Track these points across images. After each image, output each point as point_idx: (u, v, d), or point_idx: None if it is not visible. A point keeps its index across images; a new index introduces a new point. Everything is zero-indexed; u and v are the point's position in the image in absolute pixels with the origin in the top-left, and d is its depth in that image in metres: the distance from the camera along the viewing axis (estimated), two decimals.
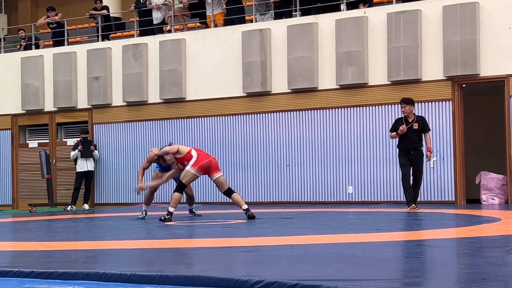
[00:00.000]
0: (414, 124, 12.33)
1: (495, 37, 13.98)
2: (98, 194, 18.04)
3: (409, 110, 12.37)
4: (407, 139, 12.32)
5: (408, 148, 12.34)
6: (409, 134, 12.28)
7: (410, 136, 12.28)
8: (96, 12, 18.70)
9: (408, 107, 12.36)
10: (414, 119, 12.40)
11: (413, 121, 12.35)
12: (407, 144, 12.33)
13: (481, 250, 6.63)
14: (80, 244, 8.03)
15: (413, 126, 12.32)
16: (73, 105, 18.29)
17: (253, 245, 7.49)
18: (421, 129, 12.35)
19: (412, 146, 12.32)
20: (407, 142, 12.33)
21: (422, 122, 12.43)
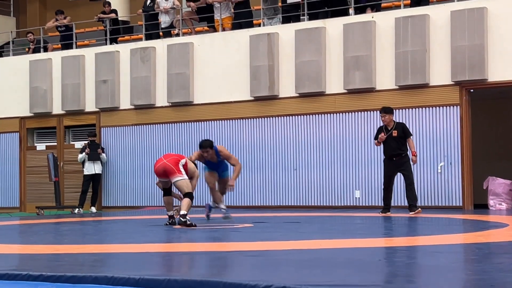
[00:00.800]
0: (393, 132, 12.74)
1: (503, 42, 13.97)
2: (106, 197, 18.07)
3: (389, 119, 12.82)
4: (388, 146, 12.78)
5: (390, 155, 12.77)
6: (389, 142, 12.72)
7: (390, 143, 12.72)
8: (105, 15, 18.75)
9: (388, 116, 12.81)
10: (393, 126, 12.80)
11: (392, 129, 12.77)
12: (389, 151, 12.79)
13: (489, 256, 6.62)
14: (88, 247, 8.04)
15: (392, 134, 12.72)
16: (81, 108, 18.34)
17: (261, 249, 7.49)
18: (400, 136, 12.71)
19: (393, 152, 12.72)
20: (388, 149, 12.79)
21: (401, 128, 12.82)
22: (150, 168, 17.46)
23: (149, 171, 17.49)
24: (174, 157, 10.75)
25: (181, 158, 10.78)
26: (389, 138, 12.70)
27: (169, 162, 10.57)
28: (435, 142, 14.49)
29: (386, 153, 12.88)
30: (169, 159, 10.66)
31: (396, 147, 12.71)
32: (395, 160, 12.72)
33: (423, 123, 14.65)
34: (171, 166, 10.52)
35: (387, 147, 12.80)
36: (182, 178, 10.53)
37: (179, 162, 10.64)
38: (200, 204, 15.48)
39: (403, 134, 12.75)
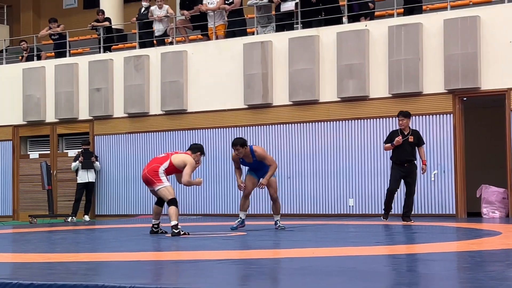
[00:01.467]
0: (409, 137, 12.48)
1: (496, 51, 14.01)
2: (99, 205, 18.03)
3: (406, 123, 12.54)
4: (402, 151, 12.44)
5: (402, 161, 12.45)
6: (405, 146, 12.42)
7: (406, 148, 12.42)
8: (98, 23, 18.74)
9: (406, 120, 12.53)
10: (409, 132, 12.56)
11: (409, 134, 12.51)
12: (402, 156, 12.46)
13: (482, 264, 6.62)
14: (81, 256, 8.01)
15: (408, 139, 12.46)
16: (74, 116, 18.31)
17: (253, 257, 7.47)
18: (416, 143, 12.51)
19: (407, 158, 12.44)
20: (402, 154, 12.46)
21: (417, 135, 12.61)
22: None
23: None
24: (155, 165, 10.56)
25: (162, 163, 10.54)
26: (404, 143, 12.41)
27: (148, 173, 10.53)
28: (428, 150, 14.49)
29: (398, 157, 12.50)
30: (149, 168, 10.57)
31: (410, 153, 12.45)
32: (406, 166, 12.45)
33: None
34: (150, 177, 10.50)
35: (401, 152, 12.45)
36: (162, 186, 10.48)
37: (159, 170, 10.48)
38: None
39: (417, 141, 12.55)
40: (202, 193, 16.75)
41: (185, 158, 10.64)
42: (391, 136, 12.65)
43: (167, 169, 10.56)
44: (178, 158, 10.62)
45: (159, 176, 10.48)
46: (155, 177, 10.47)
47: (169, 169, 10.59)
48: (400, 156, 12.49)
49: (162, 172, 10.51)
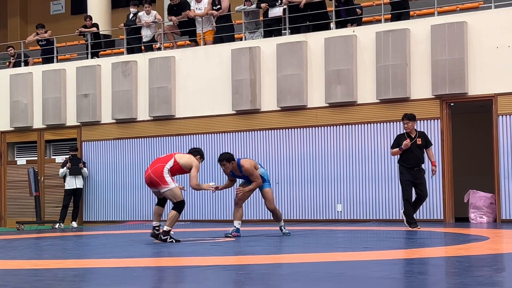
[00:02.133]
0: (417, 140, 12.19)
1: (483, 56, 14.07)
2: (87, 211, 17.97)
3: (412, 126, 12.25)
4: (411, 155, 12.12)
5: (412, 164, 12.12)
6: (413, 150, 12.10)
7: (414, 151, 12.11)
8: (86, 29, 18.71)
9: (412, 123, 12.24)
10: (416, 134, 12.27)
11: (416, 137, 12.22)
12: (412, 160, 12.12)
13: (470, 269, 6.63)
14: (68, 262, 7.98)
15: (416, 142, 12.17)
16: (62, 122, 18.25)
17: (241, 263, 7.46)
18: (424, 145, 12.22)
19: (416, 162, 12.13)
20: (411, 158, 12.12)
21: (424, 137, 12.34)
22: (132, 182, 17.42)
23: (131, 186, 17.44)
24: (159, 165, 10.10)
25: (167, 162, 10.10)
26: (412, 146, 12.08)
27: (153, 174, 10.05)
28: None
29: (408, 162, 12.12)
30: (154, 169, 10.09)
31: (419, 157, 12.14)
32: (415, 170, 12.12)
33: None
34: (156, 179, 10.02)
35: (410, 156, 12.09)
36: (169, 188, 10.03)
37: (163, 170, 10.03)
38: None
39: (425, 143, 12.25)
40: (189, 199, 16.72)
41: (191, 159, 10.22)
42: (398, 140, 12.31)
43: (171, 168, 10.10)
44: (183, 158, 10.18)
45: (165, 177, 10.01)
46: (161, 178, 10.01)
47: (174, 168, 10.10)
48: (410, 160, 12.13)
49: (166, 172, 10.03)
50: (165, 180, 10.03)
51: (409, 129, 12.23)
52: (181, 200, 10.11)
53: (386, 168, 14.81)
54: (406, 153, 12.13)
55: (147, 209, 17.25)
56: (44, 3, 25.76)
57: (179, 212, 10.06)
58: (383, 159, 14.85)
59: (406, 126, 12.25)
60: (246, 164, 10.89)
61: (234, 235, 10.88)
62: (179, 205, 10.09)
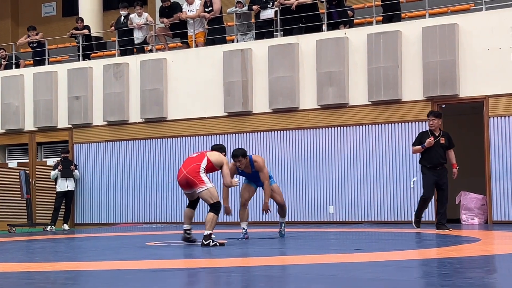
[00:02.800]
0: (441, 139, 11.75)
1: (474, 58, 14.12)
2: (78, 214, 17.93)
3: (437, 124, 11.78)
4: (434, 153, 11.67)
5: (435, 164, 11.68)
6: (436, 149, 11.66)
7: (437, 150, 11.67)
8: (77, 31, 18.68)
9: (437, 121, 11.77)
10: (440, 133, 11.84)
11: (439, 135, 11.79)
12: (434, 159, 11.67)
13: (461, 270, 6.65)
14: (60, 265, 7.96)
15: (440, 141, 11.73)
16: (53, 124, 18.22)
17: (234, 265, 7.46)
18: (447, 145, 11.78)
19: (439, 161, 11.68)
20: (434, 157, 11.68)
21: (448, 137, 11.87)
22: (124, 184, 17.40)
23: (123, 188, 17.41)
24: (194, 165, 9.78)
25: (201, 160, 9.81)
26: (435, 144, 11.62)
27: (189, 174, 9.72)
28: (408, 157, 14.57)
29: (429, 160, 11.69)
30: (189, 169, 9.76)
31: (442, 156, 11.68)
32: (438, 170, 11.69)
33: (396, 138, 14.74)
34: (192, 178, 9.69)
35: (433, 154, 11.64)
36: (205, 188, 9.68)
37: (199, 169, 9.72)
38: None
39: (448, 143, 11.79)
40: (181, 200, 16.70)
41: (220, 156, 9.97)
42: (420, 138, 11.84)
43: (206, 167, 9.79)
44: (214, 156, 9.92)
45: (201, 177, 9.70)
46: (197, 178, 9.67)
47: (208, 166, 9.80)
48: (432, 159, 11.67)
49: (203, 171, 9.72)
50: (202, 180, 9.72)
51: (434, 126, 11.73)
52: (218, 201, 9.77)
53: (378, 170, 14.83)
54: (428, 152, 11.68)
55: (139, 212, 17.24)
56: (36, 5, 25.71)
57: (216, 214, 9.67)
58: (375, 161, 14.88)
59: (431, 123, 11.75)
60: (259, 159, 10.76)
61: (246, 238, 10.78)
62: (216, 206, 9.70)
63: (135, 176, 17.26)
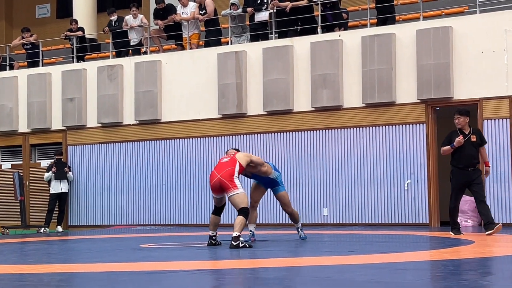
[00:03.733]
0: (471, 137, 10.94)
1: (468, 61, 14.15)
2: (72, 216, 17.90)
3: (464, 122, 10.97)
4: (465, 153, 10.88)
5: (466, 164, 10.90)
6: (466, 148, 10.86)
7: (469, 150, 10.88)
8: (72, 33, 18.66)
9: (463, 119, 10.97)
10: (470, 131, 11.01)
11: (470, 134, 10.97)
12: (465, 159, 10.88)
13: (455, 273, 6.66)
14: (53, 267, 7.94)
15: (470, 139, 10.93)
16: (47, 126, 18.19)
17: (227, 267, 7.46)
18: (479, 142, 10.99)
19: (471, 161, 10.91)
20: (465, 157, 10.89)
21: (479, 134, 11.17)
22: (118, 186, 17.37)
23: (117, 190, 17.39)
24: (228, 170, 9.88)
25: (234, 165, 9.92)
26: (466, 144, 10.84)
27: (223, 177, 9.81)
28: (401, 159, 14.60)
29: (460, 161, 10.89)
30: (223, 173, 9.86)
31: (475, 155, 10.90)
32: (469, 171, 10.90)
33: (390, 140, 14.76)
34: (226, 182, 9.77)
35: (464, 155, 10.85)
36: (237, 192, 9.76)
37: (234, 173, 9.83)
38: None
39: (480, 141, 11.00)
40: (175, 202, 16.71)
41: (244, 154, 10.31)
42: (449, 137, 11.05)
43: (239, 171, 9.95)
44: (240, 157, 10.09)
45: (235, 181, 9.79)
46: (231, 183, 9.76)
47: (241, 170, 9.98)
48: (463, 160, 10.88)
49: (236, 176, 9.85)
50: (235, 184, 9.79)
51: (461, 124, 10.96)
52: (247, 207, 9.86)
53: (372, 172, 14.85)
54: (459, 152, 10.92)
55: (133, 214, 17.22)
56: (30, 7, 25.67)
57: (246, 217, 9.77)
58: (369, 163, 14.89)
59: (457, 122, 10.99)
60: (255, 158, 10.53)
61: (252, 240, 10.65)
62: (245, 211, 9.79)
63: (129, 178, 17.25)
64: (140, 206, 17.15)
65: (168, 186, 16.84)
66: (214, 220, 10.26)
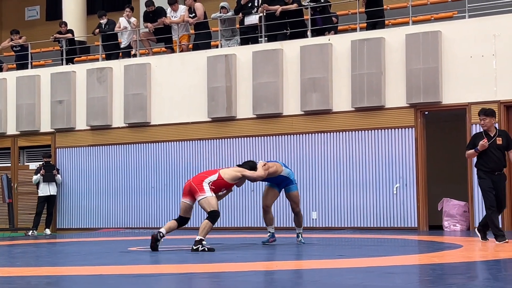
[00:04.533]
0: (497, 139, 10.31)
1: (457, 66, 14.20)
2: (60, 219, 17.83)
3: (490, 123, 10.35)
4: (490, 157, 10.27)
5: (491, 168, 10.27)
6: (492, 151, 10.27)
7: (494, 153, 10.27)
8: (61, 35, 18.61)
9: (489, 119, 10.34)
10: (496, 133, 10.40)
11: (495, 135, 10.35)
12: (490, 163, 10.27)
13: (443, 277, 6.67)
14: (41, 270, 7.91)
15: (496, 141, 10.31)
16: (36, 128, 18.13)
17: (216, 271, 7.45)
18: (505, 145, 10.34)
19: (496, 165, 10.29)
20: (490, 160, 10.28)
21: (506, 137, 10.47)
22: (106, 189, 17.33)
23: (105, 193, 17.34)
24: (201, 176, 10.04)
25: (210, 174, 9.99)
26: (491, 146, 10.24)
27: (193, 181, 9.92)
28: (390, 163, 14.63)
29: (486, 165, 10.28)
30: (195, 178, 10.03)
31: (500, 159, 10.28)
32: (496, 175, 10.27)
33: (379, 144, 14.78)
34: (194, 186, 9.85)
35: (489, 158, 10.25)
36: (204, 196, 9.77)
37: (205, 179, 9.88)
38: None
39: (507, 143, 10.32)
40: (164, 205, 16.68)
41: (235, 168, 10.28)
42: (474, 140, 10.49)
43: (214, 182, 9.92)
44: (227, 172, 10.15)
45: (203, 186, 9.82)
46: (199, 186, 9.82)
47: (218, 183, 9.96)
48: (489, 164, 10.28)
49: (207, 183, 9.85)
50: (202, 188, 9.82)
51: (487, 126, 10.35)
52: (216, 210, 9.81)
53: (361, 176, 14.87)
54: (484, 155, 10.29)
55: (121, 217, 17.18)
56: (19, 9, 25.58)
57: (212, 222, 9.74)
58: (358, 167, 14.91)
59: (483, 123, 10.38)
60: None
61: (271, 241, 10.79)
62: (213, 215, 9.75)
63: (118, 181, 17.20)
64: (129, 209, 17.11)
65: (157, 189, 16.81)
66: (171, 225, 10.07)
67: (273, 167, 10.55)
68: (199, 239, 9.63)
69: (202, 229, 9.68)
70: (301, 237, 11.10)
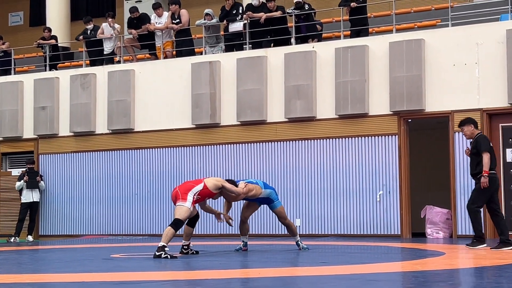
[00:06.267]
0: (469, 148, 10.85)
1: (440, 74, 14.28)
2: (43, 225, 17.75)
3: (468, 131, 10.76)
4: (470, 163, 10.87)
5: (471, 174, 10.88)
6: (471, 157, 10.80)
7: (471, 160, 10.79)
8: (44, 41, 18.55)
9: (466, 128, 10.79)
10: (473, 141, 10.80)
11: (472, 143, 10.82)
12: (470, 169, 10.88)
13: (425, 284, 6.69)
14: (23, 277, 7.87)
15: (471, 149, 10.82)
16: (18, 134, 18.04)
17: (199, 278, 7.44)
18: (475, 152, 10.68)
19: (471, 170, 10.81)
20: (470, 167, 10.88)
21: (475, 142, 10.75)
22: (90, 196, 17.26)
23: (88, 199, 17.28)
24: (188, 185, 10.26)
25: (197, 184, 10.22)
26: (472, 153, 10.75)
27: (180, 189, 10.18)
28: (373, 171, 14.67)
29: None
30: (182, 186, 10.29)
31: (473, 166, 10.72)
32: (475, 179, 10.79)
33: (362, 152, 14.83)
34: (179, 193, 10.07)
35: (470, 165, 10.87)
36: (182, 204, 10.00)
37: (191, 189, 10.10)
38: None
39: (475, 150, 10.69)
40: (147, 212, 16.63)
41: (217, 179, 10.55)
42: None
43: (200, 192, 10.14)
44: (210, 181, 10.33)
45: (188, 195, 10.03)
46: (184, 195, 10.02)
47: (204, 192, 10.18)
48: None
49: (193, 193, 10.08)
50: (186, 197, 10.03)
51: (467, 135, 10.88)
52: (180, 220, 10.00)
53: (345, 183, 14.90)
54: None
55: (104, 223, 17.11)
56: (3, 14, 25.50)
57: (175, 229, 9.93)
58: (342, 174, 14.95)
59: (463, 133, 11.01)
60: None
61: (244, 250, 10.96)
62: (176, 222, 9.96)
63: (101, 188, 17.15)
64: (112, 216, 17.05)
65: (141, 196, 16.77)
66: (186, 231, 10.50)
67: (253, 190, 10.66)
68: (161, 245, 9.86)
69: (165, 235, 9.91)
70: (301, 244, 11.13)
